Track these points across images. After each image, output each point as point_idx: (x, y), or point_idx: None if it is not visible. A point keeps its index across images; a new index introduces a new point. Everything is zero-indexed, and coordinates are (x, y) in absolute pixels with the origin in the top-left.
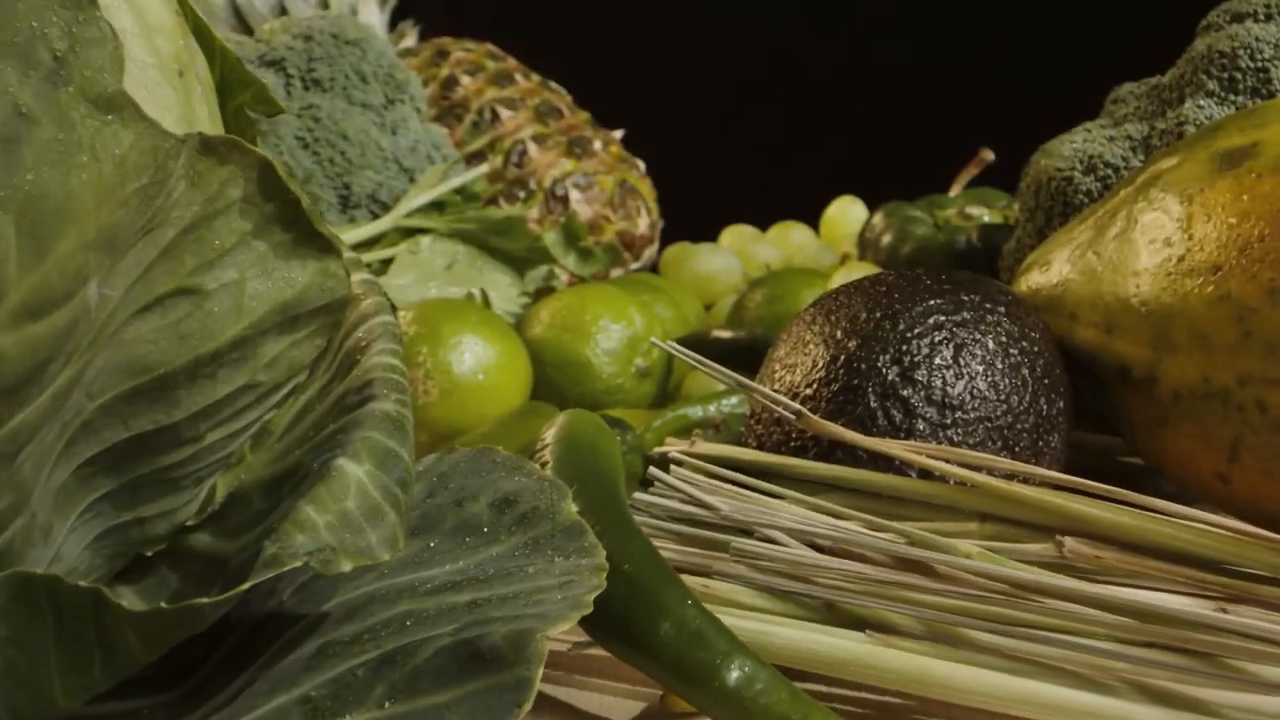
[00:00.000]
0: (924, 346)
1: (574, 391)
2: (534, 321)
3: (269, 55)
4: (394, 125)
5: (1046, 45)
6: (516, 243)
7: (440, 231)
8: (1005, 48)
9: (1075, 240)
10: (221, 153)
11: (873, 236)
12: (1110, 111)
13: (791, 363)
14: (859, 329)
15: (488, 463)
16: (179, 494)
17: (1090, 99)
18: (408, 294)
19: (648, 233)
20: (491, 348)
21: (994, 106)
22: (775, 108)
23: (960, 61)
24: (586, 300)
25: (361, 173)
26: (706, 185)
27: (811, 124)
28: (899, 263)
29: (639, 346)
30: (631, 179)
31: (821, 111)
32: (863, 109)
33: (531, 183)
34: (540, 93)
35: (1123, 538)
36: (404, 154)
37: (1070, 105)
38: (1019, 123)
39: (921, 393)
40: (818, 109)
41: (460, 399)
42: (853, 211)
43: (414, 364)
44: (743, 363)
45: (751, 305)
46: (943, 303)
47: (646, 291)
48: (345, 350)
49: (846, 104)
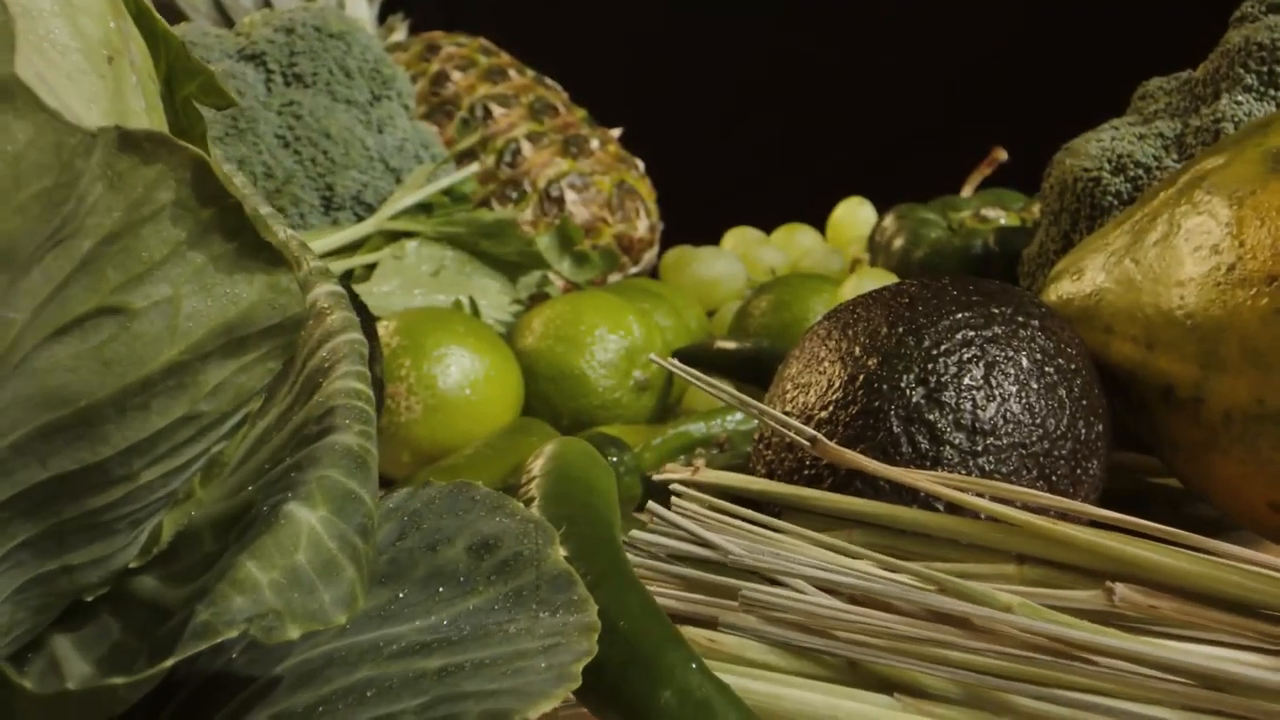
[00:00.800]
0: (951, 365)
1: (568, 406)
2: (525, 331)
3: (249, 49)
4: (380, 123)
5: (1059, 40)
6: (508, 247)
7: (427, 235)
8: (1016, 43)
9: (1110, 246)
10: (146, 150)
11: (883, 240)
12: (1138, 108)
13: (805, 382)
14: (879, 345)
15: (465, 500)
16: (113, 538)
17: (1108, 95)
18: (391, 302)
19: (647, 235)
20: (479, 360)
21: (1006, 104)
22: (779, 105)
23: (970, 57)
24: (581, 309)
25: (345, 173)
26: (708, 186)
27: (817, 122)
28: (911, 267)
29: (637, 358)
30: (630, 179)
31: (827, 109)
32: (870, 106)
33: (525, 183)
34: (535, 89)
35: (1181, 584)
36: (390, 153)
37: (1086, 102)
38: (1032, 121)
39: (949, 416)
40: (823, 106)
41: (446, 416)
42: (861, 213)
43: (396, 378)
44: (749, 375)
45: (756, 312)
46: (971, 316)
47: (645, 298)
48: (308, 372)
49: (853, 101)
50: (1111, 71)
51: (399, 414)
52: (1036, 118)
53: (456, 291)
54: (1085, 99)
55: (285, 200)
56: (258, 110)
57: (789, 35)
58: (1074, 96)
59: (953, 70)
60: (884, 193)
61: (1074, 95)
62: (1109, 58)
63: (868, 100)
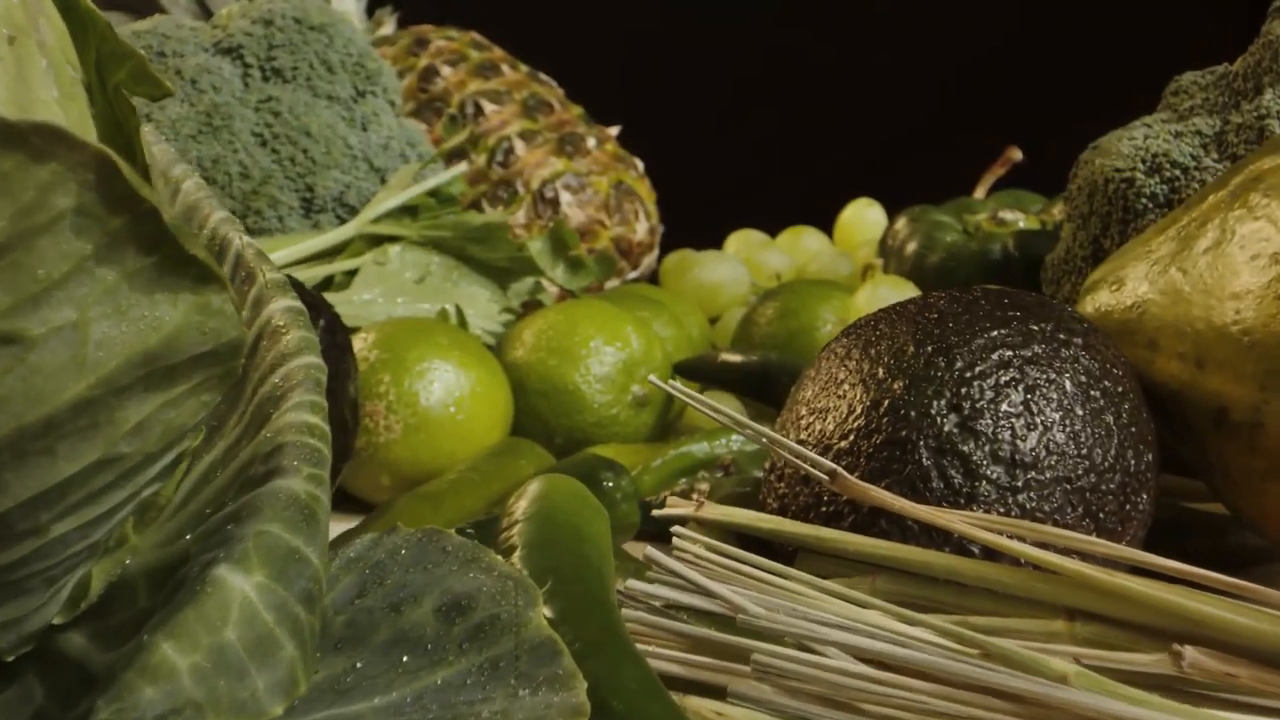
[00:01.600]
0: (987, 389)
1: (561, 424)
2: (515, 343)
3: (225, 42)
4: (364, 120)
5: (1071, 33)
6: (498, 252)
7: (412, 240)
8: (1026, 36)
9: (1154, 254)
10: (35, 146)
11: (895, 244)
12: (1171, 104)
13: (822, 407)
14: (906, 367)
15: (436, 551)
16: (25, 598)
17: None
18: (373, 311)
19: (646, 239)
20: (465, 375)
21: (1017, 100)
22: (784, 101)
23: (981, 51)
24: (576, 318)
25: (326, 173)
26: (710, 186)
27: (822, 120)
28: (926, 273)
29: (635, 372)
30: (628, 180)
31: (833, 106)
32: (877, 104)
33: (518, 184)
34: (529, 85)
35: (1257, 647)
36: (375, 152)
37: (1102, 98)
38: (1045, 118)
39: (986, 448)
40: (829, 103)
41: (428, 436)
42: (870, 215)
43: (374, 395)
44: (756, 391)
45: (762, 321)
46: (1008, 334)
47: (644, 306)
48: (259, 400)
49: (860, 98)
50: (1127, 66)
51: (378, 434)
52: (1050, 115)
53: (442, 300)
54: (1100, 95)
55: (262, 202)
56: (233, 107)
57: (793, 28)
58: (1089, 92)
59: (963, 65)
60: (893, 194)
61: (1089, 91)
62: (1123, 51)
63: (875, 97)
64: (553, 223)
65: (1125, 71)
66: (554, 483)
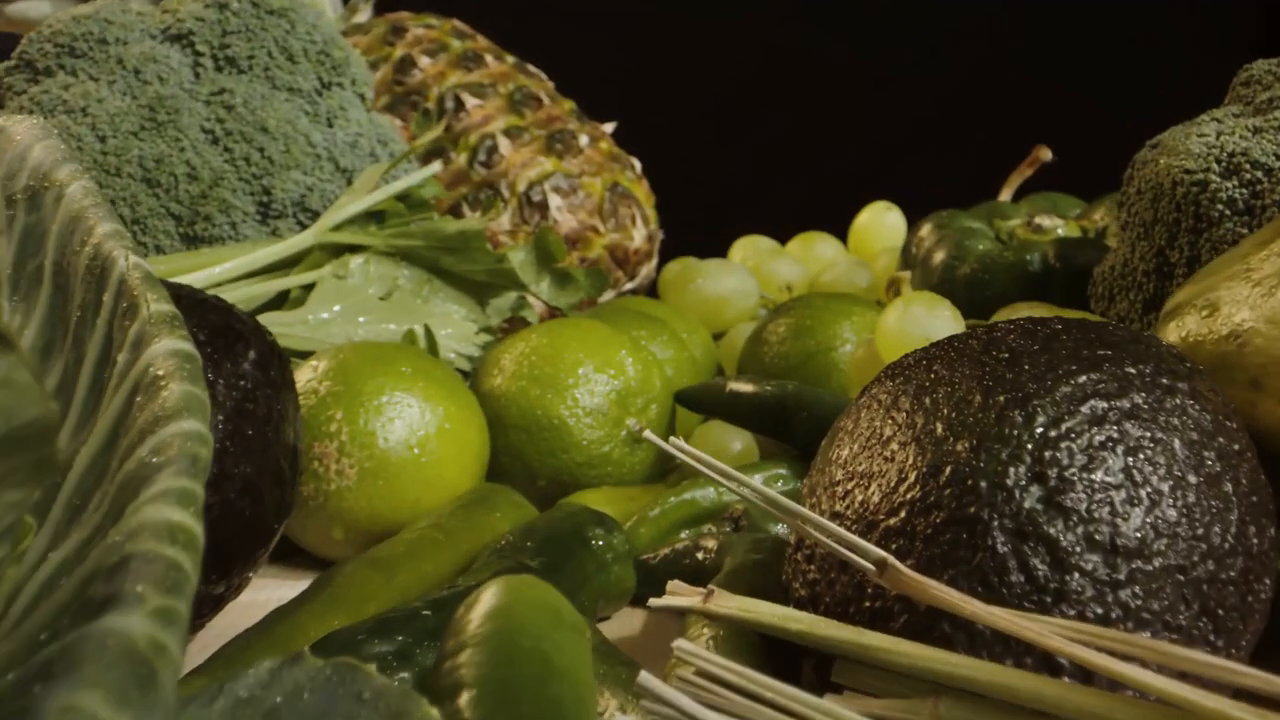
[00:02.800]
0: (1078, 453)
1: (545, 464)
2: (493, 370)
3: (174, 28)
4: (329, 115)
5: (1096, 24)
6: (474, 263)
7: (377, 250)
8: (1050, 29)
9: (1254, 273)
10: None
11: (921, 253)
12: (1243, 96)
13: (864, 471)
14: (973, 422)
15: (349, 699)
16: None
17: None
18: (330, 332)
19: (644, 246)
20: (432, 409)
21: (1042, 97)
22: (793, 98)
23: (1001, 46)
24: (562, 341)
25: (286, 174)
26: (714, 189)
27: (835, 117)
28: (956, 285)
29: (631, 403)
30: (624, 181)
31: (847, 103)
32: (893, 100)
33: (502, 186)
34: (515, 77)
35: None
36: (341, 150)
37: (1131, 92)
38: (1073, 115)
39: (1078, 529)
40: (842, 100)
41: (387, 482)
42: (889, 220)
43: (324, 434)
44: (772, 426)
45: (773, 339)
46: (1100, 379)
47: (641, 323)
48: (124, 478)
49: (875, 94)
50: (1155, 56)
51: (328, 480)
52: (1076, 111)
53: (411, 319)
54: (1130, 88)
55: (212, 206)
56: (181, 99)
57: (804, 17)
58: (1121, 86)
59: (983, 59)
60: (910, 196)
61: (1121, 85)
62: (1149, 42)
63: (890, 93)
64: (539, 230)
65: (1150, 63)
66: (517, 592)
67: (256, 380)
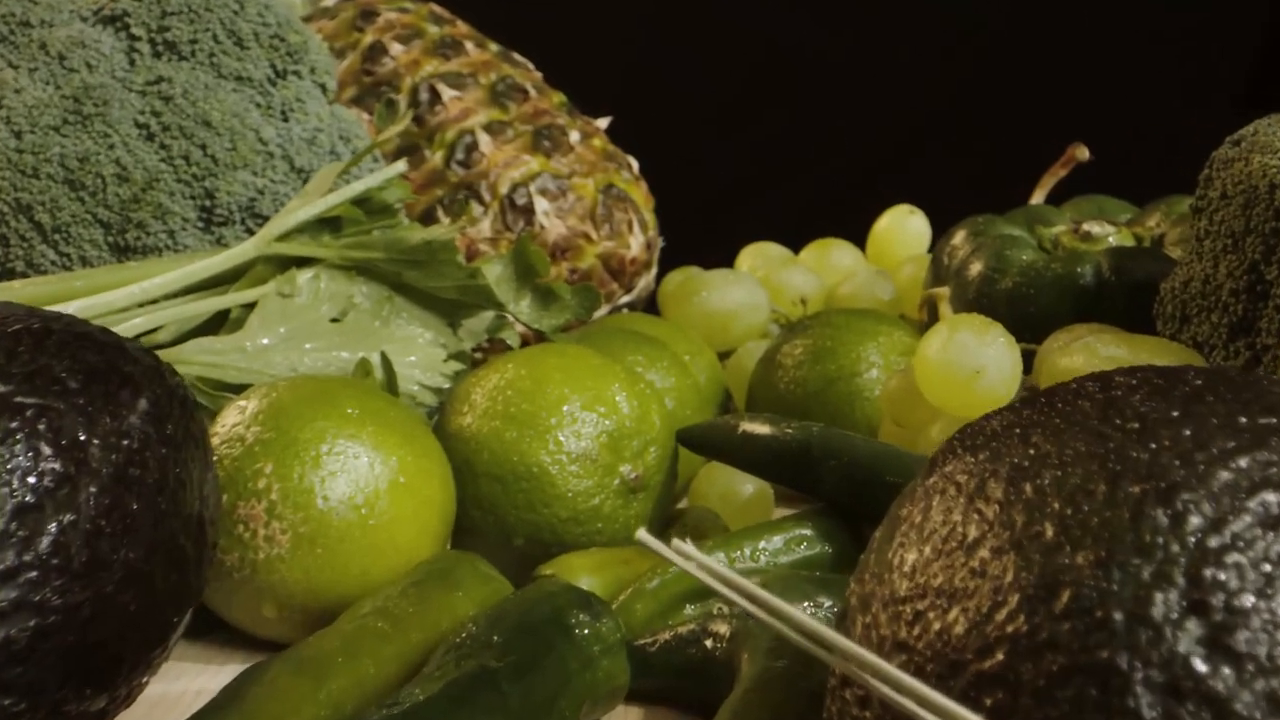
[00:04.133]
0: (1251, 570)
1: (523, 521)
2: (462, 407)
3: (107, 9)
4: (284, 107)
5: (1133, 11)
6: (442, 278)
7: (330, 263)
8: (1081, 16)
9: None
10: None
11: (955, 263)
12: None
13: (940, 586)
14: (1096, 522)
15: None
16: None
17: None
18: (271, 362)
19: (642, 255)
20: (384, 459)
21: (1074, 91)
22: (805, 92)
23: (1027, 35)
24: (544, 372)
25: (232, 174)
26: (718, 191)
27: (850, 113)
28: (996, 301)
29: (625, 446)
30: (620, 183)
31: (862, 98)
32: (911, 95)
33: (483, 187)
34: (498, 67)
35: None
36: (297, 148)
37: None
38: (1111, 109)
39: (1257, 684)
40: (857, 95)
41: (328, 550)
42: (911, 225)
43: (251, 492)
44: (792, 476)
45: (788, 363)
46: (1270, 460)
47: (638, 347)
48: None
49: (892, 89)
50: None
51: (255, 548)
52: (1107, 104)
53: (367, 345)
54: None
55: (146, 212)
56: (111, 89)
57: (814, 7)
58: (1153, 77)
59: (1008, 52)
60: (931, 199)
61: (1153, 75)
62: (1182, 30)
63: (908, 88)
64: (519, 239)
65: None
66: None
67: (146, 437)
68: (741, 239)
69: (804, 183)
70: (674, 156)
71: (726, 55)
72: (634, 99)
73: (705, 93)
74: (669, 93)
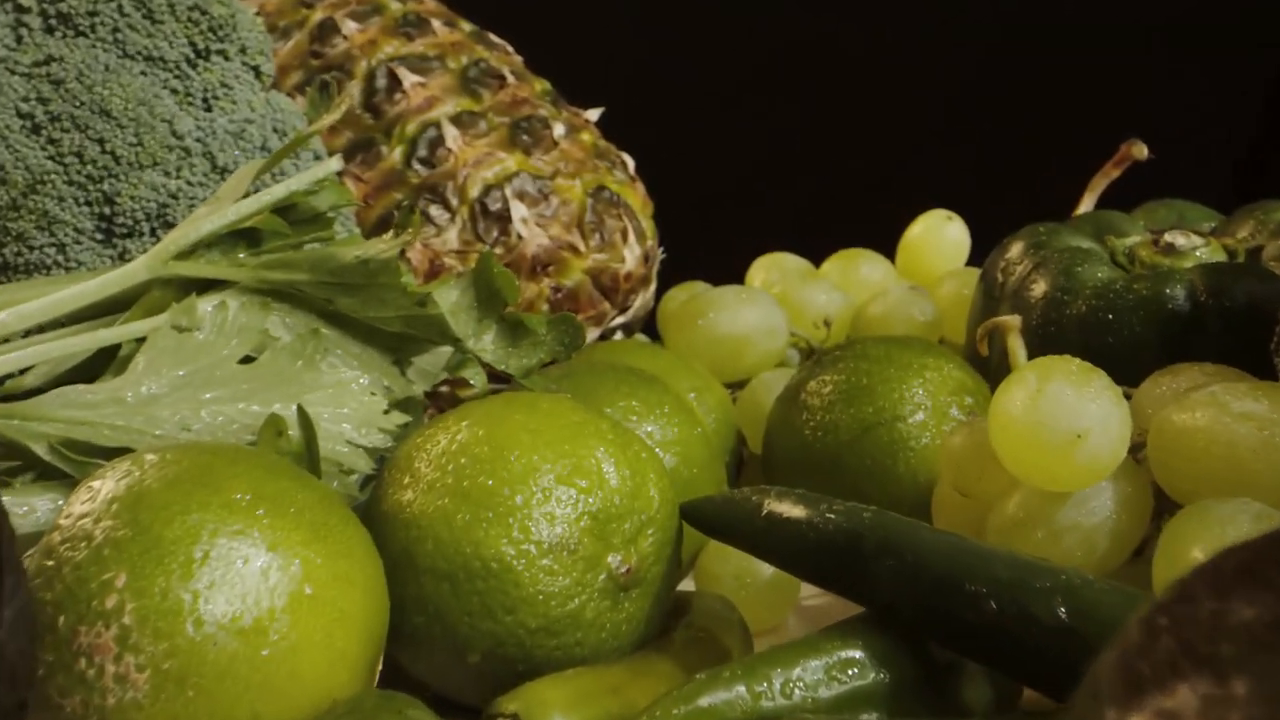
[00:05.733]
0: None
1: (480, 632)
2: (400, 478)
3: None
4: (206, 94)
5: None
6: (384, 306)
7: (245, 287)
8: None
9: None
10: None
11: (1013, 280)
12: None
13: None
14: None
15: None
16: None
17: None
18: (156, 419)
19: (639, 269)
20: (283, 562)
21: (1129, 79)
22: (822, 83)
23: (1065, 23)
24: (508, 432)
25: (138, 175)
26: (727, 195)
27: (873, 106)
28: (1066, 327)
29: (615, 530)
30: (613, 184)
31: (887, 88)
32: (939, 88)
33: (449, 190)
34: (470, 48)
35: None
36: (221, 143)
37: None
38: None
39: None
40: (882, 84)
41: (203, 692)
42: (949, 234)
43: (94, 613)
44: (835, 575)
45: (815, 402)
46: None
47: (633, 389)
48: None
49: (918, 81)
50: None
51: (103, 690)
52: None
53: (285, 394)
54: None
55: (28, 222)
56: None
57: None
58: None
59: (1056, 33)
60: (965, 202)
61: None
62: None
63: (936, 80)
64: (480, 257)
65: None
66: None
67: None
68: (754, 249)
69: (824, 185)
70: (676, 154)
71: (736, 38)
72: (630, 87)
73: (712, 80)
74: (670, 80)
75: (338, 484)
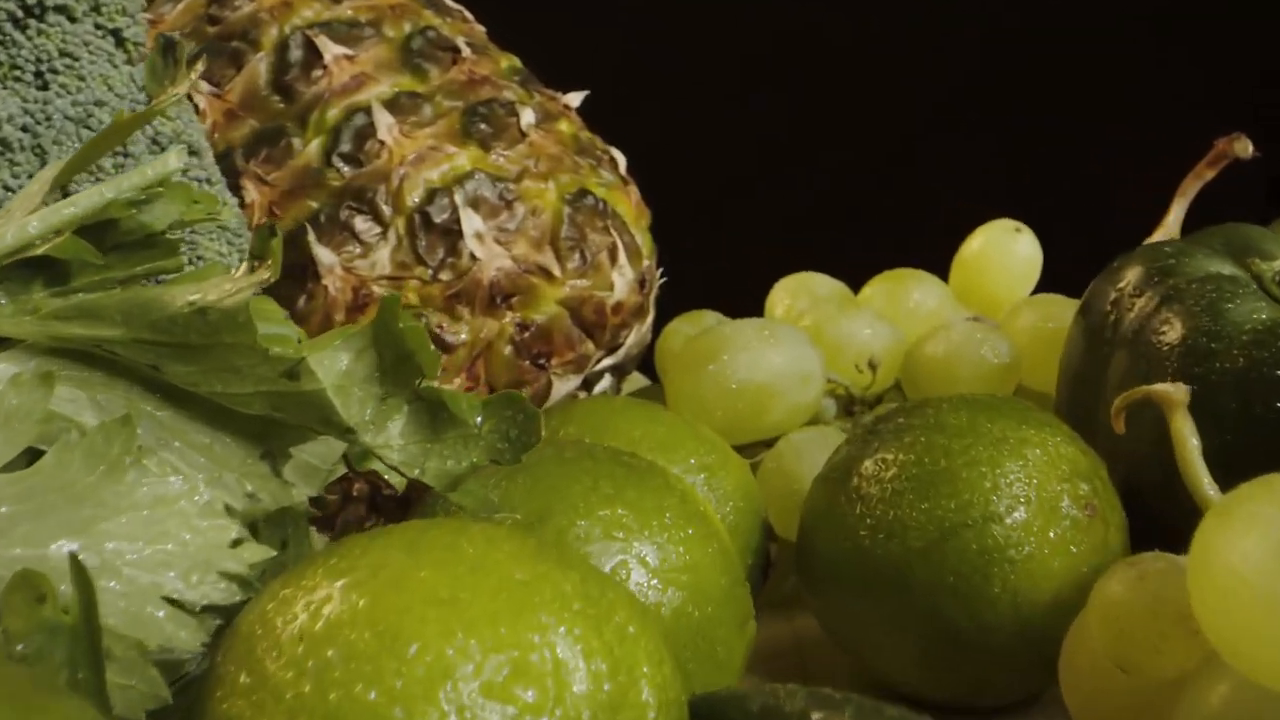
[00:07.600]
0: None
1: None
2: (232, 674)
3: None
4: (40, 67)
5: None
6: (237, 380)
7: (29, 346)
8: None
9: None
10: None
11: (1131, 319)
12: None
13: None
14: None
15: None
16: None
17: None
18: None
19: (632, 297)
20: None
21: (1208, 73)
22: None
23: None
24: (404, 601)
25: None
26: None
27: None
28: (1214, 385)
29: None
30: (598, 188)
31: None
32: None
33: (381, 196)
34: (416, 13)
35: None
36: (60, 133)
37: None
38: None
39: None
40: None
41: None
42: (1019, 249)
43: None
44: None
45: (871, 490)
46: None
47: (620, 490)
48: None
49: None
50: None
51: None
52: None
53: (69, 524)
54: None
55: None
56: None
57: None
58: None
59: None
60: (1022, 209)
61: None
62: None
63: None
64: (381, 302)
65: None
66: None
67: None
68: (775, 269)
69: (858, 188)
70: (678, 149)
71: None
72: (621, 66)
73: (720, 56)
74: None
75: (137, 680)
